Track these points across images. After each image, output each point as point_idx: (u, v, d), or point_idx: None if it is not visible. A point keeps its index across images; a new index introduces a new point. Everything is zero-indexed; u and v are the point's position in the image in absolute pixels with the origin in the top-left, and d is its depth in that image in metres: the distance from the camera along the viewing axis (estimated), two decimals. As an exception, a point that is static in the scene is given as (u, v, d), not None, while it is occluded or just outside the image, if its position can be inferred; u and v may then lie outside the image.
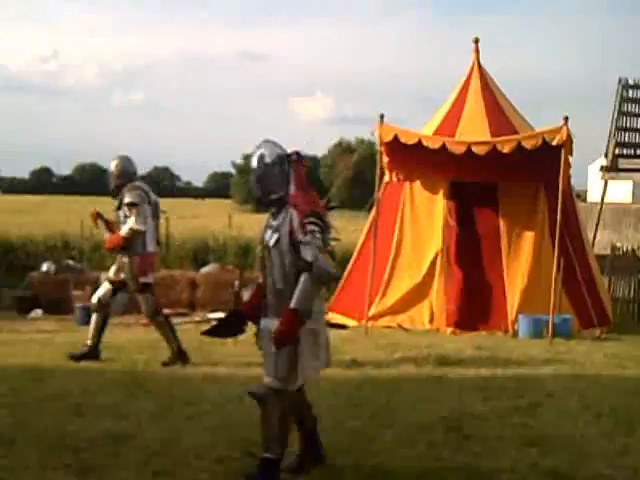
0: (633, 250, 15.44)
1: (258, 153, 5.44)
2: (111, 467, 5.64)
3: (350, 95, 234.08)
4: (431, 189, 13.19)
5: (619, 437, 6.58)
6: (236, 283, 14.62)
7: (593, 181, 27.14)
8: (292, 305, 5.12)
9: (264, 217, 5.60)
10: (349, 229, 19.13)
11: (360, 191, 79.11)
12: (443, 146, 12.05)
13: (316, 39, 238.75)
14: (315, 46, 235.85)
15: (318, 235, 5.25)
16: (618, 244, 16.03)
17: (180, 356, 9.34)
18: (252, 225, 18.77)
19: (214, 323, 6.33)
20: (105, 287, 9.62)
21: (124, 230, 9.22)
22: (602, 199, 17.71)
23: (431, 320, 12.80)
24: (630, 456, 6.12)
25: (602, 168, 17.53)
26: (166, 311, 14.06)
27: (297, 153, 5.49)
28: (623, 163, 17.27)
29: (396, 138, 12.32)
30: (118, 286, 9.52)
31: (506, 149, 11.81)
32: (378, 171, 12.66)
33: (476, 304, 12.64)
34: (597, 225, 17.14)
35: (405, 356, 9.97)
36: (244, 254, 17.61)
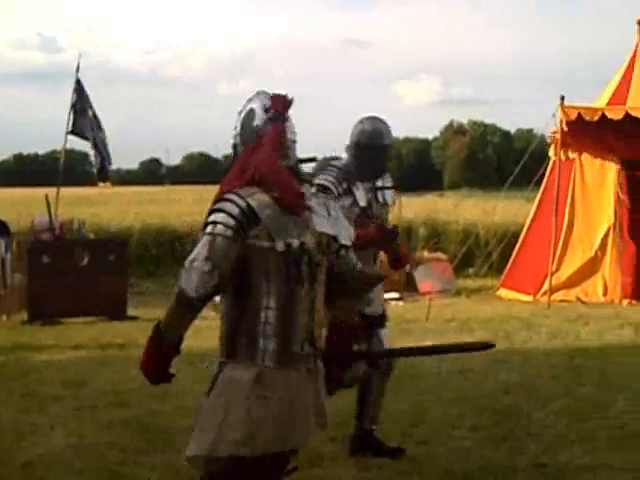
0: None
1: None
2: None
3: (455, 77, 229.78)
4: (602, 166, 13.21)
5: None
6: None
7: None
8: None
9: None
10: (487, 207, 19.06)
11: (474, 171, 79.14)
12: (625, 116, 11.97)
13: (418, 23, 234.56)
14: (417, 30, 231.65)
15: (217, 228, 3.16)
16: None
17: None
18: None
19: None
20: None
21: None
22: None
23: (605, 293, 12.93)
24: None
25: None
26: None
27: None
28: None
29: (579, 116, 12.34)
30: None
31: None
32: (557, 150, 12.98)
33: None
34: None
35: (600, 326, 10.15)
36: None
